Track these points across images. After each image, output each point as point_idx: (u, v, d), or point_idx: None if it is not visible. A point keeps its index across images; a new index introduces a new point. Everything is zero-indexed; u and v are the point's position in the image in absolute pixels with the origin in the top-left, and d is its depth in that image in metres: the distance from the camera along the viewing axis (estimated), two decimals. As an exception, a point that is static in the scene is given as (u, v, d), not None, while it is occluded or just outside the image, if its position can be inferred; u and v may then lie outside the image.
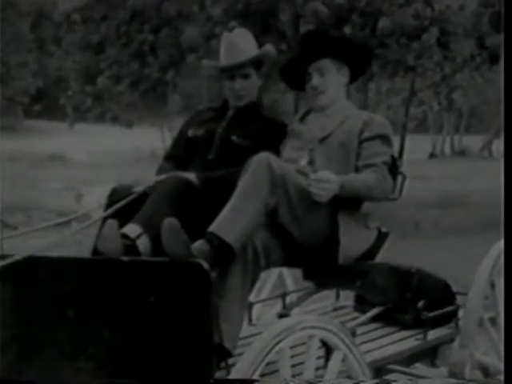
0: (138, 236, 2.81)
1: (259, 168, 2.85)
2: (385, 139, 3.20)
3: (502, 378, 3.08)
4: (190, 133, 3.38)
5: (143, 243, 2.80)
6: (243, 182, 2.85)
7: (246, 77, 3.34)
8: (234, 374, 2.51)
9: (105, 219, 2.88)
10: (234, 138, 3.27)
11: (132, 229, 2.82)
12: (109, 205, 3.05)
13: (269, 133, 3.30)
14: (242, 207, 2.79)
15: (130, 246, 2.77)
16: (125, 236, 2.79)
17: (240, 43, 3.33)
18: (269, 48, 3.39)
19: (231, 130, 3.30)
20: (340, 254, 2.99)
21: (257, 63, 3.37)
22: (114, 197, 3.08)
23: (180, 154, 3.38)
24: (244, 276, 2.81)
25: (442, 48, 13.56)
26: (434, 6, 13.22)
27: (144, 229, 2.81)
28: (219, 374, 2.66)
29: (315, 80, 3.29)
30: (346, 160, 3.16)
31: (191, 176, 3.09)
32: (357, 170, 3.13)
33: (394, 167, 3.22)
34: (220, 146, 3.27)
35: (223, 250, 2.73)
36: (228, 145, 3.26)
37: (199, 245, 2.70)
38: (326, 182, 2.89)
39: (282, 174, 2.87)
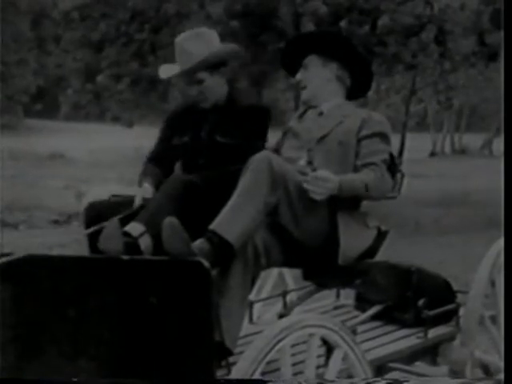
0: (141, 235, 2.82)
1: (259, 166, 2.84)
2: (383, 137, 3.19)
3: (502, 376, 3.08)
4: (176, 141, 3.34)
5: (145, 242, 2.81)
6: (244, 180, 2.85)
7: (200, 82, 3.25)
8: (235, 373, 2.51)
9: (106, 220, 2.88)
10: (218, 138, 3.24)
11: (135, 227, 2.83)
12: (87, 219, 3.05)
13: (252, 122, 3.25)
14: (243, 206, 2.79)
15: (132, 245, 2.78)
16: (127, 234, 2.79)
17: (188, 47, 3.22)
18: (221, 48, 3.29)
19: (214, 130, 3.27)
20: (340, 255, 2.98)
21: (215, 63, 3.25)
22: (91, 211, 3.06)
23: (165, 159, 3.34)
24: (244, 274, 2.81)
25: (440, 46, 13.57)
26: (433, 5, 13.22)
27: (146, 228, 2.82)
28: (220, 373, 2.66)
29: (298, 74, 3.32)
30: (344, 159, 3.15)
31: (194, 176, 3.09)
32: (355, 169, 3.12)
33: (392, 165, 3.21)
34: (208, 150, 3.25)
35: (223, 248, 2.73)
36: (215, 146, 3.24)
37: (200, 243, 2.71)
38: (323, 181, 2.89)
39: (283, 173, 2.87)
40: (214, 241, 2.73)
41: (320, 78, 3.29)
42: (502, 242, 3.30)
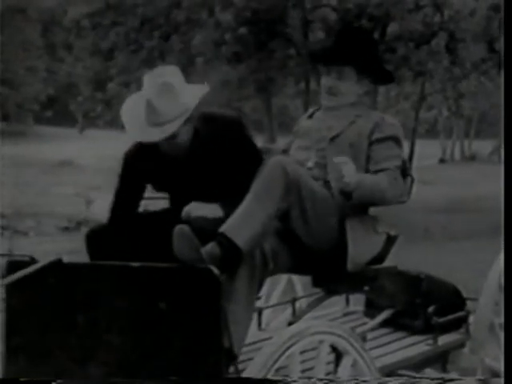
0: None
1: (273, 171, 2.83)
2: (396, 141, 3.15)
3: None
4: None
5: None
6: (256, 185, 2.82)
7: (173, 137, 2.96)
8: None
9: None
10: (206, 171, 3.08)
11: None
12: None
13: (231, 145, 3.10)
14: (254, 210, 2.77)
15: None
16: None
17: (160, 106, 2.90)
18: (194, 97, 2.97)
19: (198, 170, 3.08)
20: (348, 261, 2.97)
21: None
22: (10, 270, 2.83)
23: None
24: (251, 279, 2.80)
25: (450, 53, 13.57)
26: (443, 12, 13.22)
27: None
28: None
29: (331, 80, 3.21)
30: (355, 162, 3.11)
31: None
32: (367, 173, 3.10)
33: (404, 169, 3.20)
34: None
35: (232, 251, 2.73)
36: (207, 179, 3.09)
37: (210, 248, 2.70)
38: (344, 163, 2.84)
39: (297, 178, 2.85)
40: (223, 244, 2.72)
41: (352, 93, 3.22)
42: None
